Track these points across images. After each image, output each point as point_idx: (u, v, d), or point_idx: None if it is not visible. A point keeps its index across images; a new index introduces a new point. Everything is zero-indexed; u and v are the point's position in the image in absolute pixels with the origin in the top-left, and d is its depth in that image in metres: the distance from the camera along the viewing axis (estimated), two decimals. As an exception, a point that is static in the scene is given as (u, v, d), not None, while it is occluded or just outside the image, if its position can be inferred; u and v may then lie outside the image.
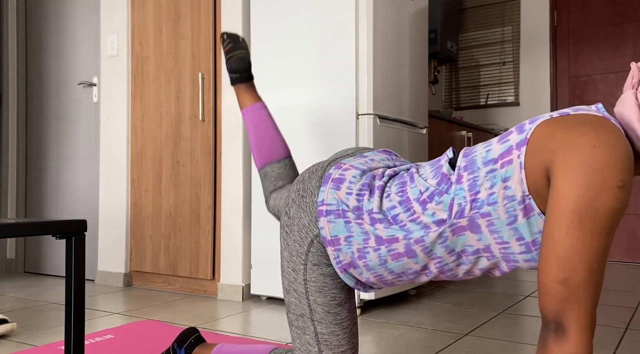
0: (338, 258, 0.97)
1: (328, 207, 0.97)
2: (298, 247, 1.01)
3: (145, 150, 2.91)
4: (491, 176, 0.83)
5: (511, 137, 0.84)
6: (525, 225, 0.83)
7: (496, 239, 0.86)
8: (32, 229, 1.13)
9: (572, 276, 0.73)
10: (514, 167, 0.81)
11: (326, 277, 1.00)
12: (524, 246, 0.85)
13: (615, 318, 2.21)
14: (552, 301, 0.74)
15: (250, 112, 1.49)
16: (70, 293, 1.21)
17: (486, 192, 0.83)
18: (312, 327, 1.02)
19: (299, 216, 1.01)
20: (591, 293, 0.73)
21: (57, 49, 3.39)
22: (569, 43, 4.18)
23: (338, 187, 0.98)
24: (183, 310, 2.36)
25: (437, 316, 2.24)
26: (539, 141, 0.80)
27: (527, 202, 0.81)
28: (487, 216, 0.84)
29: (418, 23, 2.62)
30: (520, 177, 0.81)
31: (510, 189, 0.82)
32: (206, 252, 2.67)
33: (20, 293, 2.80)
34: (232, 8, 2.62)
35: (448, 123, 3.24)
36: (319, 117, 2.31)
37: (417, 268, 0.93)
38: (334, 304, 1.01)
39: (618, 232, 3.95)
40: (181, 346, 1.41)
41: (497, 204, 0.83)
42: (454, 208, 0.86)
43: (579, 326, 0.73)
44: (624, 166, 0.73)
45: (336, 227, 0.96)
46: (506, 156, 0.83)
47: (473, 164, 0.86)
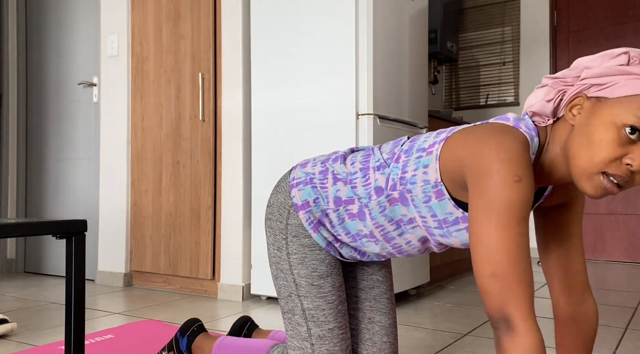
0: (310, 219, 1.08)
1: (297, 180, 1.11)
2: (279, 224, 1.12)
3: (145, 150, 2.91)
4: (417, 161, 0.97)
5: (442, 134, 0.97)
6: (438, 205, 0.96)
7: (418, 213, 0.99)
8: (32, 229, 1.13)
9: (497, 268, 0.78)
10: (432, 157, 0.94)
11: (305, 248, 1.09)
12: (437, 222, 0.98)
13: (615, 318, 2.21)
14: (490, 298, 0.79)
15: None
16: (70, 293, 1.21)
17: (411, 173, 0.97)
18: (299, 304, 1.08)
19: (276, 199, 1.14)
20: (521, 281, 0.78)
21: (57, 49, 3.39)
22: (569, 43, 4.18)
23: (304, 165, 1.14)
24: (183, 310, 2.36)
25: (437, 316, 2.24)
26: (452, 144, 0.91)
27: (439, 187, 0.94)
28: (409, 193, 0.98)
29: (418, 23, 2.62)
30: (435, 167, 0.93)
31: (427, 174, 0.95)
32: (206, 252, 2.67)
33: (20, 293, 2.80)
34: (232, 8, 2.62)
35: (448, 123, 3.24)
36: (319, 117, 2.31)
37: (366, 232, 1.05)
38: (316, 275, 1.08)
39: (618, 232, 3.96)
40: (184, 334, 1.42)
41: (416, 184, 0.96)
42: (389, 182, 1.00)
43: (521, 315, 0.77)
44: (517, 162, 0.80)
45: (305, 192, 1.09)
46: (431, 148, 0.96)
47: (411, 149, 1.00)
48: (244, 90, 2.60)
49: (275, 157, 2.43)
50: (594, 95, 0.86)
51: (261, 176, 2.48)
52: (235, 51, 2.61)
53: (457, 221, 0.96)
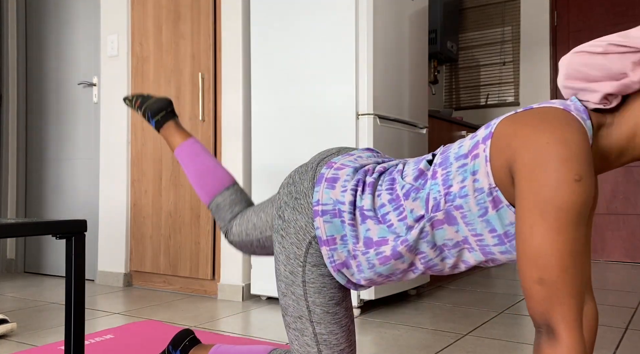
0: (332, 258, 0.98)
1: (324, 207, 0.98)
2: (296, 249, 1.01)
3: (145, 150, 2.91)
4: (462, 170, 0.86)
5: (479, 132, 0.87)
6: (496, 217, 0.85)
7: (471, 231, 0.88)
8: (32, 229, 1.13)
9: (545, 274, 0.72)
10: (481, 160, 0.83)
11: (325, 277, 1.01)
12: (497, 238, 0.87)
13: (615, 318, 2.21)
14: (535, 303, 0.74)
15: (185, 148, 1.39)
16: (70, 293, 1.21)
17: (458, 185, 0.86)
18: (310, 328, 1.02)
19: (294, 218, 1.01)
20: (570, 289, 0.72)
21: (57, 49, 3.39)
22: (569, 43, 4.18)
23: (332, 186, 0.99)
24: (183, 310, 2.36)
25: (437, 316, 2.24)
26: (502, 136, 0.81)
27: (494, 194, 0.83)
28: (460, 209, 0.86)
29: (418, 23, 2.62)
30: (486, 170, 0.83)
31: (478, 182, 0.84)
32: (206, 252, 2.67)
33: (20, 293, 2.80)
34: (232, 8, 2.62)
35: (448, 123, 3.24)
36: (319, 117, 2.31)
37: (404, 266, 0.95)
38: (333, 303, 1.02)
39: (618, 232, 3.96)
40: (176, 348, 1.41)
41: (468, 197, 0.85)
42: (430, 202, 0.89)
43: (566, 325, 0.72)
44: (579, 159, 0.73)
45: (332, 227, 0.97)
46: (474, 150, 0.85)
47: (447, 159, 0.89)
48: (244, 90, 2.60)
49: (275, 158, 2.43)
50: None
51: (261, 176, 2.48)
52: (235, 51, 2.61)
53: None
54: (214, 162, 1.38)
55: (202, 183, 1.35)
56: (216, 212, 1.33)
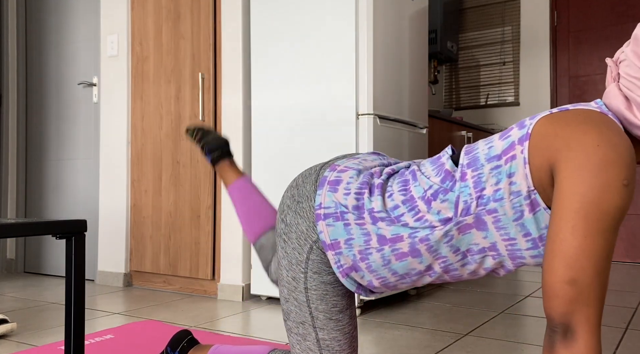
0: (339, 262, 0.95)
1: (326, 210, 0.95)
2: (297, 255, 0.99)
3: (145, 150, 2.91)
4: (496, 172, 0.83)
5: (512, 133, 0.84)
6: (532, 220, 0.83)
7: (503, 236, 0.85)
8: (32, 229, 1.13)
9: (580, 276, 0.71)
10: (518, 162, 0.81)
11: (327, 285, 0.99)
12: (531, 242, 0.85)
13: (615, 318, 2.21)
14: (560, 303, 0.73)
15: (237, 187, 1.43)
16: (70, 293, 1.21)
17: (492, 188, 0.83)
18: (313, 334, 1.01)
19: (296, 222, 0.99)
20: (599, 294, 0.72)
21: (57, 49, 3.39)
22: (569, 43, 4.18)
23: (335, 189, 0.96)
24: (183, 310, 2.36)
25: (437, 316, 2.24)
26: (542, 137, 0.79)
27: (532, 197, 0.81)
28: (494, 213, 0.83)
29: (418, 23, 2.62)
30: (525, 173, 0.80)
31: (515, 185, 0.81)
32: (206, 253, 2.67)
33: (20, 293, 2.80)
34: (232, 8, 2.62)
35: (448, 123, 3.24)
36: (319, 117, 2.31)
37: (421, 268, 0.92)
38: (336, 311, 1.00)
39: (618, 232, 3.95)
40: (174, 350, 1.41)
41: (503, 200, 0.82)
42: (460, 206, 0.85)
43: (589, 328, 0.71)
44: (627, 164, 0.73)
45: (335, 230, 0.94)
46: (509, 152, 0.82)
47: (476, 161, 0.86)
48: (244, 90, 2.60)
49: (275, 157, 2.43)
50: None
51: (261, 176, 2.47)
52: (235, 51, 2.61)
53: None
54: (262, 203, 1.41)
55: (249, 223, 1.38)
56: (260, 252, 1.36)
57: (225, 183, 1.47)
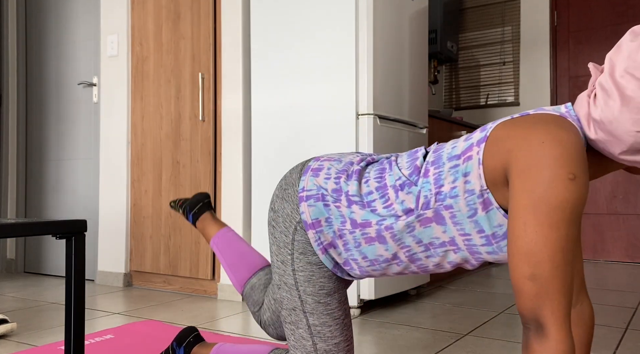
0: (319, 240, 1.01)
1: (308, 192, 1.02)
2: (284, 237, 1.05)
3: (145, 150, 2.91)
4: (454, 171, 0.87)
5: (474, 135, 0.89)
6: (485, 218, 0.87)
7: (459, 231, 0.90)
8: (32, 229, 1.13)
9: (537, 270, 0.74)
10: (474, 162, 0.85)
11: (312, 265, 1.03)
12: (485, 238, 0.89)
13: (615, 318, 2.21)
14: (525, 299, 0.75)
15: (220, 237, 1.43)
16: (70, 293, 1.21)
17: (449, 185, 0.88)
18: (304, 320, 1.04)
19: (282, 207, 1.05)
20: (561, 286, 0.73)
21: (57, 49, 3.39)
22: (569, 43, 4.18)
23: (317, 174, 1.03)
24: (183, 310, 2.36)
25: (437, 316, 2.24)
26: (497, 140, 0.83)
27: (485, 196, 0.85)
28: (450, 209, 0.88)
29: (418, 23, 2.62)
30: (478, 173, 0.84)
31: (470, 184, 0.86)
32: (206, 252, 2.67)
33: (20, 293, 2.80)
34: (232, 8, 2.62)
35: (448, 123, 3.24)
36: (319, 117, 2.31)
37: (387, 255, 0.97)
38: (323, 293, 1.04)
39: (618, 232, 3.96)
40: (180, 345, 1.41)
41: (458, 197, 0.87)
42: (420, 200, 0.91)
43: (555, 321, 0.73)
44: (573, 158, 0.75)
45: (316, 210, 1.00)
46: (467, 152, 0.87)
47: (439, 159, 0.91)
48: (244, 90, 2.60)
49: (275, 157, 2.43)
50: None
51: (261, 176, 2.48)
52: (235, 51, 2.61)
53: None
54: (247, 249, 1.40)
55: (234, 270, 1.37)
56: (250, 296, 1.33)
57: (208, 237, 1.45)
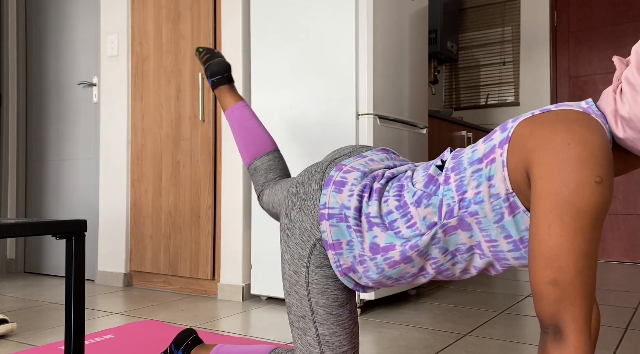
0: (338, 262, 0.98)
1: (330, 211, 0.97)
2: (300, 250, 1.01)
3: (145, 150, 2.91)
4: (477, 176, 0.84)
5: (495, 136, 0.85)
6: (512, 223, 0.84)
7: (485, 237, 0.87)
8: (32, 229, 1.13)
9: (560, 275, 0.72)
10: (497, 165, 0.82)
11: (328, 279, 1.00)
12: (512, 244, 0.86)
13: (615, 318, 2.21)
14: (545, 304, 0.73)
15: (235, 111, 1.51)
16: (70, 293, 1.21)
17: (473, 191, 0.85)
18: (313, 328, 1.02)
19: (300, 219, 1.01)
20: (583, 292, 0.72)
21: (57, 49, 3.39)
22: (569, 43, 4.18)
23: (340, 190, 0.98)
24: (183, 310, 2.36)
25: (437, 316, 2.24)
26: (519, 139, 0.80)
27: (511, 199, 0.82)
28: (475, 215, 0.85)
29: (418, 23, 2.62)
30: (503, 175, 0.81)
31: (494, 187, 0.82)
32: (206, 252, 2.67)
33: (20, 293, 2.80)
34: (232, 8, 2.62)
35: (448, 123, 3.24)
36: (319, 117, 2.31)
37: (414, 271, 0.95)
38: (336, 305, 1.01)
39: (618, 232, 3.96)
40: (178, 348, 1.41)
41: (483, 203, 0.84)
42: (443, 209, 0.87)
43: (576, 327, 0.72)
44: (600, 161, 0.72)
45: (338, 231, 0.96)
46: (490, 155, 0.84)
47: (460, 165, 0.88)
48: (244, 90, 2.60)
49: (275, 157, 2.43)
50: None
51: (261, 176, 2.47)
52: (235, 51, 2.61)
53: None
54: (260, 127, 1.49)
55: (245, 144, 1.46)
56: (253, 175, 1.43)
57: (224, 107, 1.53)
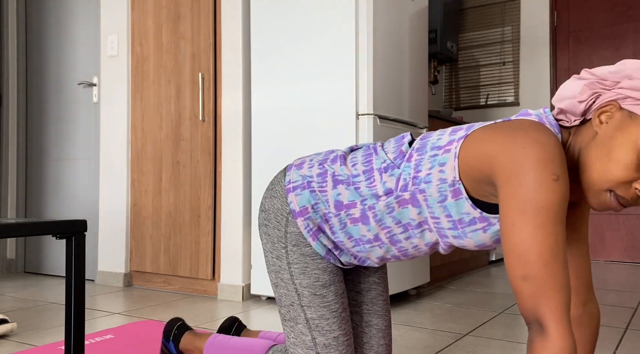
0: (309, 227, 1.04)
1: (294, 184, 1.06)
2: (277, 232, 1.07)
3: (145, 150, 2.91)
4: (432, 159, 0.93)
5: (459, 132, 0.93)
6: (454, 205, 0.92)
7: (430, 213, 0.95)
8: (32, 229, 1.13)
9: (529, 270, 0.76)
10: (450, 155, 0.90)
11: (306, 257, 1.05)
12: (452, 223, 0.94)
13: (615, 318, 2.21)
14: (522, 299, 0.77)
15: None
16: (70, 293, 1.21)
17: (425, 172, 0.93)
18: (302, 314, 1.06)
19: (272, 203, 1.09)
20: (554, 284, 0.75)
21: (57, 49, 3.39)
22: (569, 43, 4.18)
23: (300, 167, 1.08)
24: (183, 310, 2.36)
25: (437, 316, 2.24)
26: (475, 139, 0.88)
27: (456, 186, 0.90)
28: (423, 192, 0.94)
29: (418, 23, 2.62)
30: (453, 165, 0.90)
31: (444, 173, 0.91)
32: (206, 253, 2.67)
33: (20, 293, 2.80)
34: (232, 8, 2.62)
35: (448, 123, 3.24)
36: (319, 117, 2.31)
37: (370, 236, 1.01)
38: (319, 285, 1.05)
39: (618, 232, 3.96)
40: (168, 339, 1.41)
41: (431, 183, 0.93)
42: (400, 182, 0.96)
43: (553, 318, 0.75)
44: (555, 159, 0.78)
45: (303, 198, 1.04)
46: (448, 146, 0.92)
47: (424, 147, 0.96)
48: (244, 90, 2.60)
49: (275, 157, 2.43)
50: (627, 107, 0.83)
51: (261, 176, 2.47)
52: (235, 51, 2.61)
53: (473, 221, 0.92)
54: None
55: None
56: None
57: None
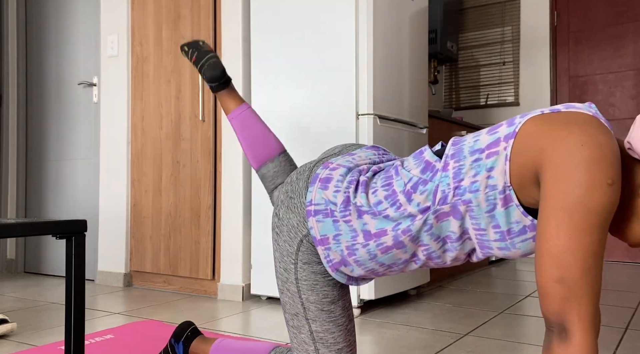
0: (329, 257, 0.98)
1: (316, 207, 0.98)
2: (288, 247, 1.02)
3: (145, 150, 2.91)
4: (476, 165, 0.85)
5: (500, 129, 0.86)
6: (503, 214, 0.85)
7: (474, 225, 0.88)
8: (32, 229, 1.13)
9: (567, 274, 0.72)
10: (500, 158, 0.83)
11: (317, 275, 1.01)
12: (499, 234, 0.87)
13: (615, 318, 2.21)
14: (551, 302, 0.74)
15: (237, 115, 1.48)
16: (70, 293, 1.21)
17: (469, 180, 0.85)
18: (307, 326, 1.03)
19: (287, 216, 1.03)
20: (589, 291, 0.72)
21: (57, 49, 3.39)
22: (569, 43, 4.18)
23: (325, 187, 0.99)
24: (183, 310, 2.36)
25: (437, 316, 2.24)
26: (527, 136, 0.80)
27: (507, 192, 0.83)
28: (469, 203, 0.86)
29: (418, 23, 2.62)
30: (504, 169, 0.82)
31: (493, 179, 0.83)
32: (206, 252, 2.67)
33: (20, 293, 2.80)
34: (232, 8, 2.62)
35: (448, 123, 3.24)
36: (319, 117, 2.31)
37: (406, 257, 0.95)
38: (327, 301, 1.02)
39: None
40: (178, 341, 1.41)
41: (478, 192, 0.84)
42: (438, 195, 0.88)
43: (582, 326, 0.72)
44: (612, 163, 0.73)
45: (325, 226, 0.97)
46: (493, 147, 0.84)
47: (460, 152, 0.88)
48: (244, 90, 2.60)
49: (275, 157, 2.43)
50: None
51: (261, 176, 2.47)
52: (235, 51, 2.61)
53: (523, 231, 0.86)
54: (263, 130, 1.47)
55: (250, 150, 1.45)
56: (262, 181, 1.45)
57: (225, 111, 1.51)
